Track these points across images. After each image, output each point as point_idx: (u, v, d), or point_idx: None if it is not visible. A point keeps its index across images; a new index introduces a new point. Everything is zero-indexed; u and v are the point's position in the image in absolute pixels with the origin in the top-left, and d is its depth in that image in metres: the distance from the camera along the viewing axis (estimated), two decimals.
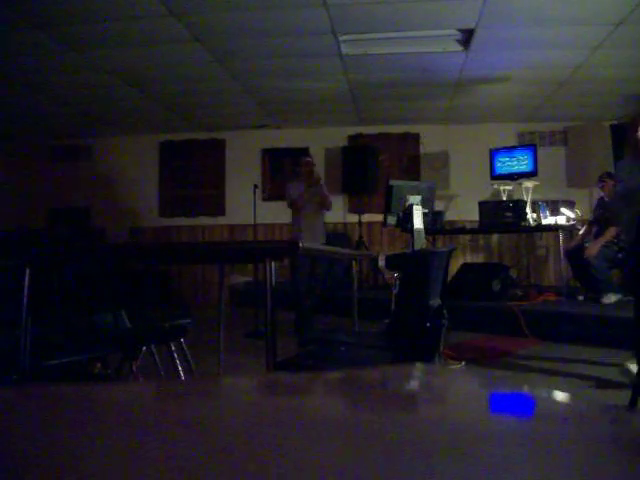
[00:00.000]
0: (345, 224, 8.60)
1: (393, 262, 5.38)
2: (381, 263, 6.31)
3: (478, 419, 0.42)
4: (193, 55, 5.56)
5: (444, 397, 0.53)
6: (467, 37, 5.24)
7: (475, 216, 6.76)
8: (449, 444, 0.38)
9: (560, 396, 0.67)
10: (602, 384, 3.39)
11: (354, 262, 4.42)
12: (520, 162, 7.28)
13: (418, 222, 4.27)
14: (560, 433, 0.38)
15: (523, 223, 6.25)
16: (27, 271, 2.12)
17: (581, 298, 5.89)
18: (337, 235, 7.91)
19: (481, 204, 6.70)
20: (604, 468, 0.32)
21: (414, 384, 0.59)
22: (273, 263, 2.07)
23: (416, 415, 0.47)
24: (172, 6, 4.49)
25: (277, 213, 8.04)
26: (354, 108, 7.77)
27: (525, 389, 0.50)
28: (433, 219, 5.47)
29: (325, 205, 5.55)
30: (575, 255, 5.69)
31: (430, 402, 0.52)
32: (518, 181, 7.23)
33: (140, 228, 9.00)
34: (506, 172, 7.36)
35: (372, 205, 8.21)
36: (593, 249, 5.37)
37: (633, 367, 3.22)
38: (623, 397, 2.70)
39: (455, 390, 0.56)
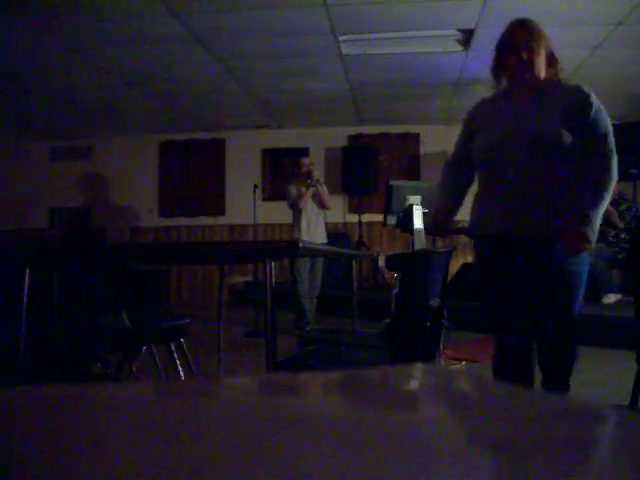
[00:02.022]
0: (345, 224, 8.60)
1: (393, 262, 5.39)
2: (381, 263, 6.32)
3: (478, 419, 0.42)
4: (193, 55, 5.56)
5: (444, 397, 0.53)
6: (467, 37, 5.24)
7: None
8: (449, 444, 0.38)
9: (560, 396, 0.67)
10: (602, 384, 3.39)
11: (354, 262, 4.42)
12: None
13: (418, 222, 4.27)
14: (560, 433, 0.38)
15: None
16: (27, 271, 2.12)
17: None
18: (337, 235, 7.91)
19: None
20: (604, 468, 0.32)
21: (414, 384, 0.59)
22: (273, 263, 2.07)
23: (416, 415, 0.47)
24: (172, 6, 4.49)
25: (277, 213, 8.03)
26: (354, 108, 7.77)
27: (524, 389, 0.50)
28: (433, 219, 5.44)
29: (325, 205, 5.55)
30: None
31: (430, 402, 0.52)
32: None
33: (140, 228, 9.00)
34: None
35: (372, 205, 8.21)
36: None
37: None
38: (623, 397, 2.70)
39: (455, 390, 0.56)
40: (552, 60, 2.23)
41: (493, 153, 2.21)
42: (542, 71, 2.19)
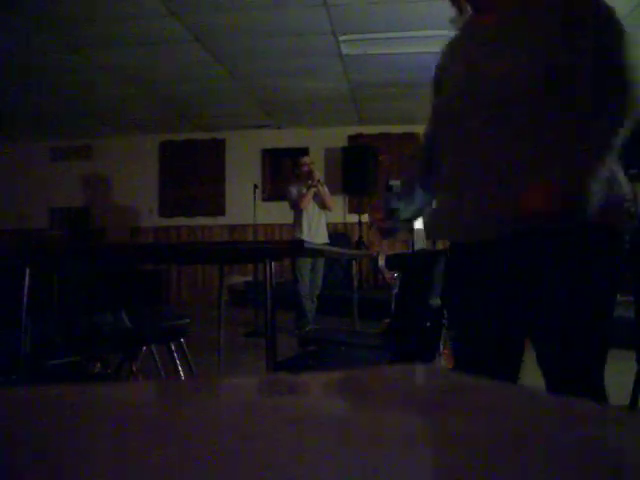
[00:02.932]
0: (345, 224, 8.60)
1: (393, 262, 5.38)
2: (381, 263, 6.31)
3: (477, 420, 0.42)
4: (193, 55, 5.57)
5: (444, 398, 0.53)
6: None
7: None
8: (449, 445, 0.38)
9: (560, 396, 0.67)
10: None
11: (354, 262, 4.42)
12: None
13: (418, 222, 4.27)
14: (560, 433, 0.38)
15: None
16: (27, 271, 2.12)
17: None
18: (337, 235, 7.91)
19: None
20: (604, 469, 0.32)
21: (413, 384, 0.59)
22: (273, 263, 2.07)
23: (416, 416, 0.47)
24: (172, 6, 4.49)
25: (277, 213, 8.04)
26: (354, 108, 7.77)
27: (524, 389, 0.51)
28: None
29: (327, 206, 5.54)
30: None
31: (429, 403, 0.52)
32: None
33: (140, 228, 9.00)
34: None
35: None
36: None
37: None
38: (623, 397, 2.70)
39: (455, 390, 0.56)
40: None
41: (449, 116, 1.42)
42: None
